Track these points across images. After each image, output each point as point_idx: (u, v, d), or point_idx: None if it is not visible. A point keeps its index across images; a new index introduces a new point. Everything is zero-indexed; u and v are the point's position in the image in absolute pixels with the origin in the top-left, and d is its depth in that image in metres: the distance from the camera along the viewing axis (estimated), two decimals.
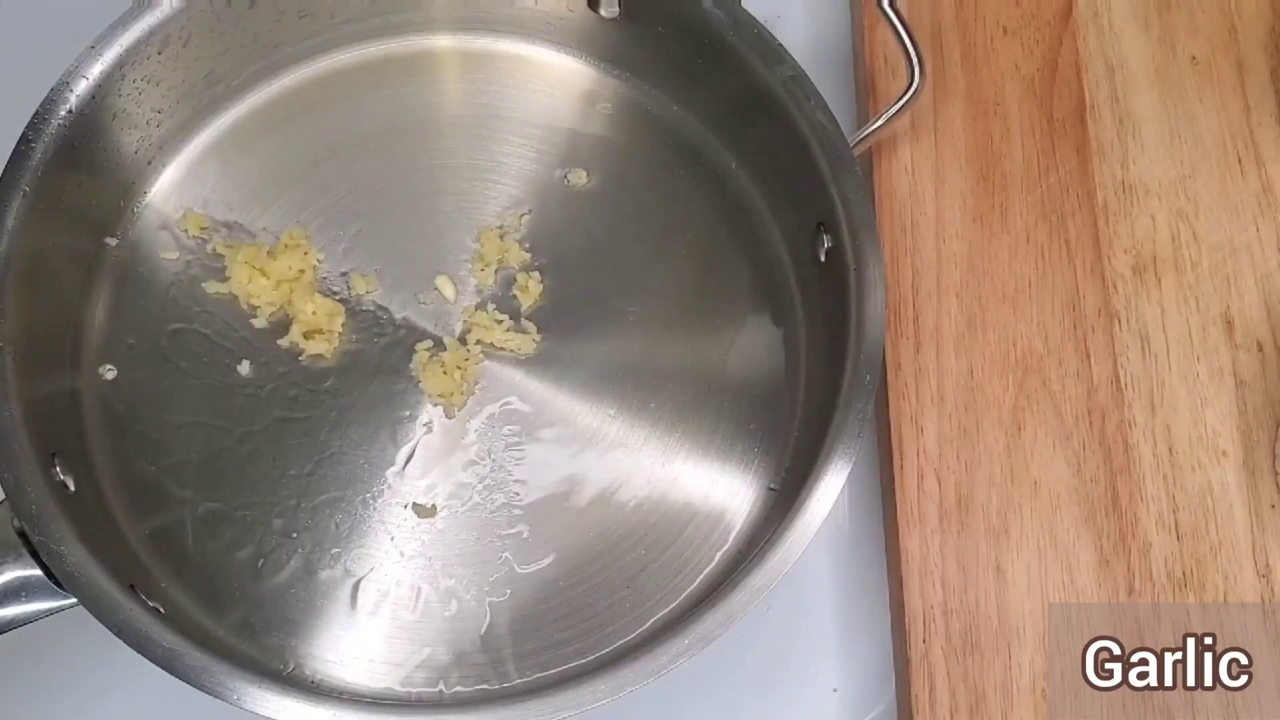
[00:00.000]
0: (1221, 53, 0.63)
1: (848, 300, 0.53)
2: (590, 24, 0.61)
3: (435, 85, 0.62)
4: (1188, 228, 0.60)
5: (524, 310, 0.59)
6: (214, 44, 0.58)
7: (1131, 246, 0.60)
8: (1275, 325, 0.58)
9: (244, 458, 0.56)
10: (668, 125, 0.62)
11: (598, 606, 0.54)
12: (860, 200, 0.53)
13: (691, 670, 0.48)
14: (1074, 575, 0.55)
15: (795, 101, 0.55)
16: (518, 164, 0.61)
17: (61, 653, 0.57)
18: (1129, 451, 0.57)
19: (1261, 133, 0.61)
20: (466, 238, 0.60)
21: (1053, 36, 0.63)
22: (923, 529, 0.56)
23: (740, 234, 0.60)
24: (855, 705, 0.58)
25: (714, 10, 0.56)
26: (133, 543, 0.54)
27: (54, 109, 0.53)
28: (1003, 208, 0.61)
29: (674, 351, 0.58)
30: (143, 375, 0.57)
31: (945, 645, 0.54)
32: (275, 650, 0.53)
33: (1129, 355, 0.58)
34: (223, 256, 0.58)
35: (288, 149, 0.61)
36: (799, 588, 0.59)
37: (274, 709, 0.46)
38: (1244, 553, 0.55)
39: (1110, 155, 0.61)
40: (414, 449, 0.56)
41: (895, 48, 0.56)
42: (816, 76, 0.55)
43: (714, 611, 0.48)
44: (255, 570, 0.54)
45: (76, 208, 0.56)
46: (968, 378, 0.58)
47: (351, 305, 0.58)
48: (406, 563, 0.55)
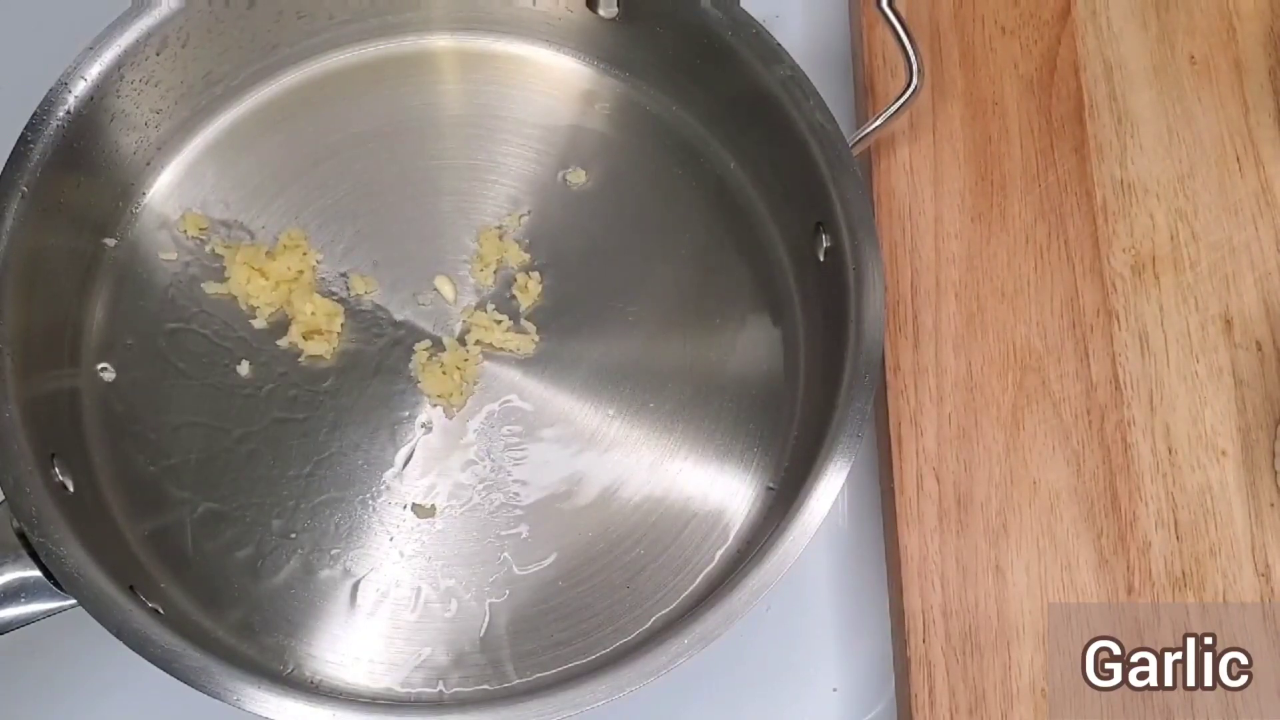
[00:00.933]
0: (1220, 52, 0.63)
1: (847, 300, 0.53)
2: (589, 24, 0.61)
3: (434, 86, 0.62)
4: (1186, 227, 0.60)
5: (523, 310, 0.59)
6: (212, 45, 0.58)
7: (1130, 246, 0.60)
8: (1274, 324, 0.58)
9: (243, 458, 0.56)
10: (667, 125, 0.62)
11: (597, 606, 0.54)
12: (859, 200, 0.53)
13: (691, 670, 0.48)
14: (1073, 575, 0.55)
15: (794, 101, 0.55)
16: (517, 164, 0.61)
17: (61, 653, 0.57)
18: (1128, 451, 0.57)
19: (1260, 132, 0.61)
20: (465, 238, 0.60)
21: (1051, 36, 0.63)
22: (922, 528, 0.56)
23: (739, 234, 0.60)
24: (855, 705, 0.58)
25: (712, 10, 0.56)
26: (132, 543, 0.54)
27: (53, 109, 0.53)
28: (1001, 207, 0.61)
29: (673, 351, 0.58)
30: (142, 376, 0.57)
31: (945, 645, 0.54)
32: (274, 651, 0.53)
33: (1128, 354, 0.58)
34: (222, 257, 0.58)
35: (287, 149, 0.61)
36: (799, 587, 0.59)
37: (273, 709, 0.46)
38: (1243, 552, 0.55)
39: (1109, 154, 0.61)
40: (413, 449, 0.56)
41: (894, 48, 0.56)
42: (815, 76, 0.55)
43: (714, 611, 0.48)
44: (254, 571, 0.54)
45: (75, 208, 0.56)
46: (967, 377, 0.58)
47: (351, 306, 0.58)
48: (406, 563, 0.55)
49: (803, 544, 0.49)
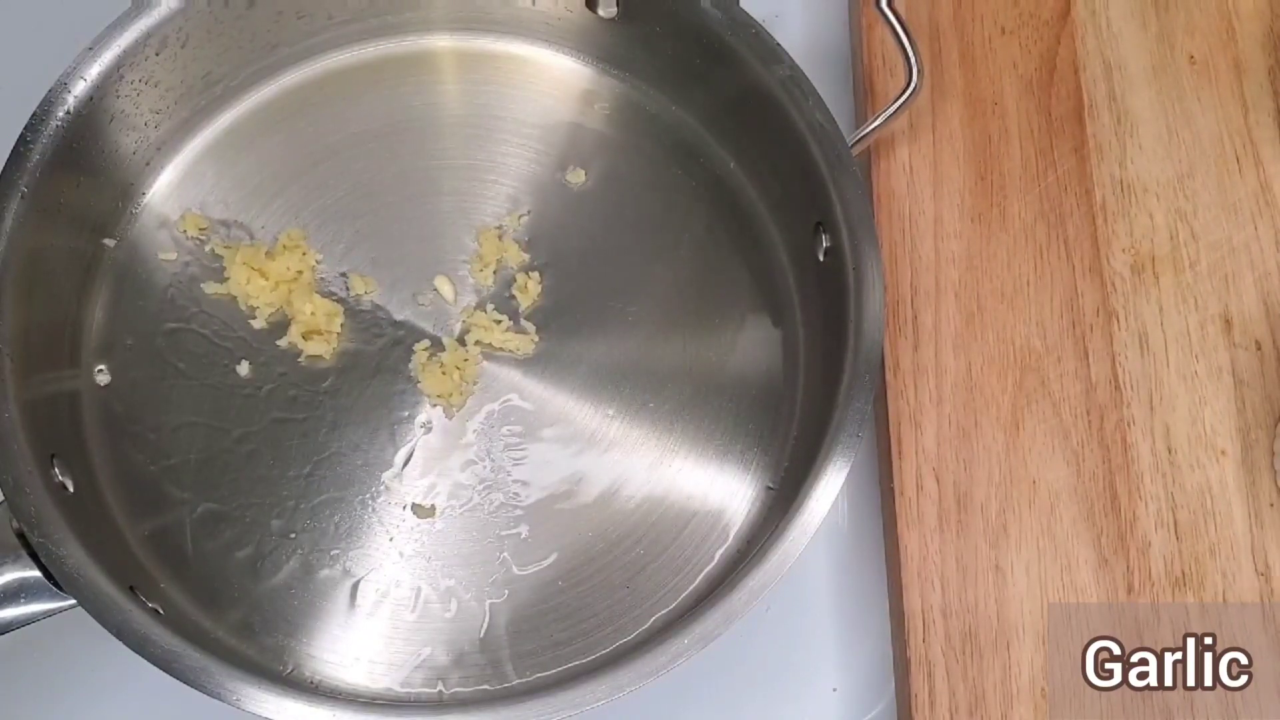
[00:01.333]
0: (1219, 52, 0.63)
1: (846, 300, 0.53)
2: (588, 24, 0.61)
3: (434, 86, 0.62)
4: (1186, 227, 0.60)
5: (523, 310, 0.59)
6: (212, 45, 0.58)
7: (1130, 245, 0.60)
8: (1274, 324, 0.58)
9: (243, 458, 0.56)
10: (666, 125, 0.62)
11: (597, 606, 0.54)
12: (859, 200, 0.53)
13: (691, 670, 0.48)
14: (1073, 575, 0.55)
15: (794, 101, 0.55)
16: (516, 164, 0.61)
17: (61, 653, 0.57)
18: (1128, 450, 0.57)
19: (1259, 132, 0.61)
20: (465, 238, 0.60)
21: (1050, 36, 0.63)
22: (922, 528, 0.56)
23: (738, 234, 0.60)
24: (855, 705, 0.58)
25: (712, 10, 0.56)
26: (132, 544, 0.54)
27: (52, 110, 0.53)
28: (1001, 207, 0.61)
29: (672, 351, 0.58)
30: (141, 376, 0.57)
31: (945, 645, 0.54)
32: (274, 651, 0.53)
33: (1127, 354, 0.58)
34: (221, 257, 0.58)
35: (286, 149, 0.61)
36: (798, 587, 0.59)
37: (273, 710, 0.46)
38: (1243, 552, 0.55)
39: (1108, 154, 0.61)
40: (413, 449, 0.56)
41: (893, 47, 0.56)
42: (815, 76, 0.55)
43: (713, 611, 0.48)
44: (254, 571, 0.54)
45: (75, 209, 0.56)
46: (966, 377, 0.58)
47: (350, 306, 0.58)
48: (405, 563, 0.55)
49: (802, 544, 0.49)
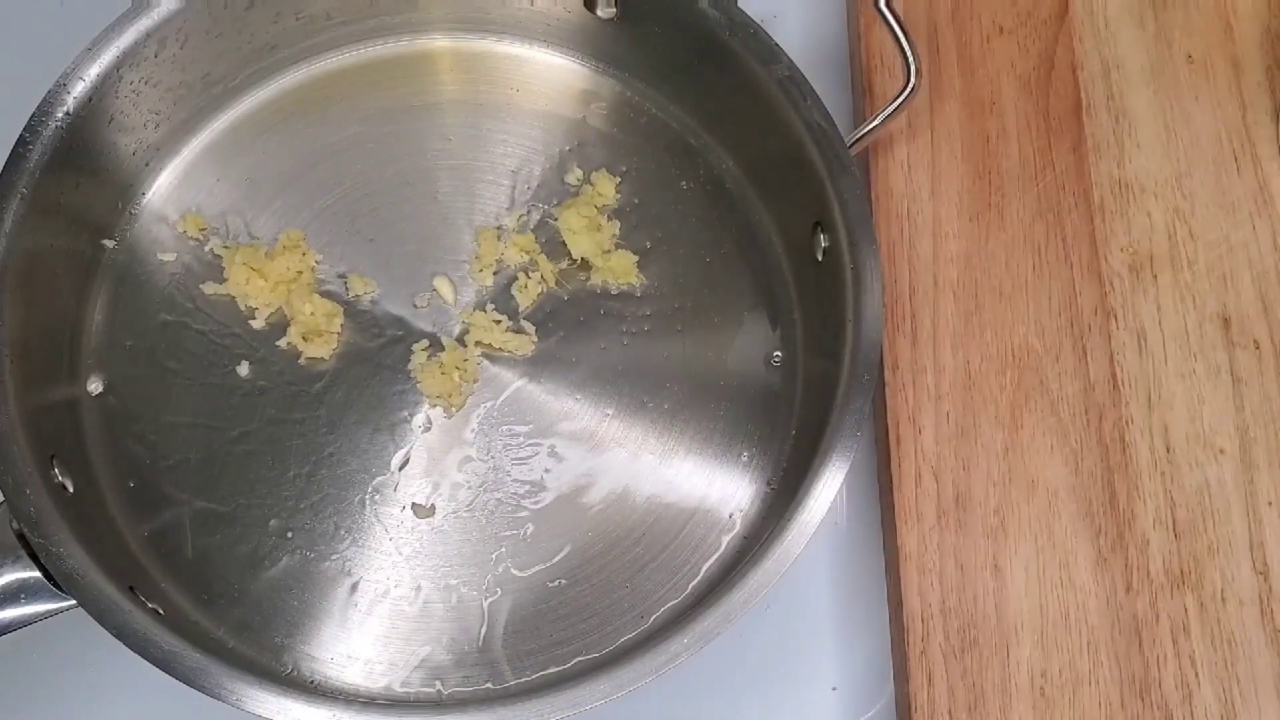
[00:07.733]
0: (1217, 51, 0.63)
1: (845, 299, 0.53)
2: (587, 24, 0.61)
3: (433, 86, 0.62)
4: (1184, 226, 0.60)
5: (522, 310, 0.59)
6: (211, 46, 0.58)
7: (1128, 244, 0.60)
8: (1272, 323, 0.58)
9: (242, 458, 0.56)
10: (665, 125, 0.62)
11: (596, 606, 0.54)
12: (857, 199, 0.54)
13: (691, 669, 0.48)
14: (1072, 573, 0.55)
15: (792, 101, 0.55)
16: (516, 164, 0.61)
17: (61, 654, 0.57)
18: (1126, 449, 0.57)
19: (1257, 131, 0.61)
20: (464, 238, 0.60)
21: (1048, 35, 0.63)
22: (921, 527, 0.56)
23: (737, 233, 0.60)
24: (854, 703, 0.58)
25: (710, 10, 0.56)
26: (131, 544, 0.54)
27: (51, 111, 0.53)
28: (999, 206, 0.61)
29: (671, 351, 0.58)
30: (140, 376, 0.57)
31: (944, 643, 0.54)
32: (274, 651, 0.53)
33: (1126, 353, 0.58)
34: (220, 258, 0.58)
35: (285, 150, 0.61)
36: (798, 586, 0.59)
37: (273, 709, 0.46)
38: (1241, 550, 0.55)
39: (1106, 153, 0.61)
40: (412, 449, 0.56)
41: (892, 47, 0.56)
42: (813, 76, 0.55)
43: (713, 610, 0.48)
44: (254, 571, 0.54)
45: (74, 209, 0.56)
46: (965, 376, 0.58)
47: (350, 306, 0.58)
48: (405, 563, 0.55)
49: (802, 543, 0.49)
